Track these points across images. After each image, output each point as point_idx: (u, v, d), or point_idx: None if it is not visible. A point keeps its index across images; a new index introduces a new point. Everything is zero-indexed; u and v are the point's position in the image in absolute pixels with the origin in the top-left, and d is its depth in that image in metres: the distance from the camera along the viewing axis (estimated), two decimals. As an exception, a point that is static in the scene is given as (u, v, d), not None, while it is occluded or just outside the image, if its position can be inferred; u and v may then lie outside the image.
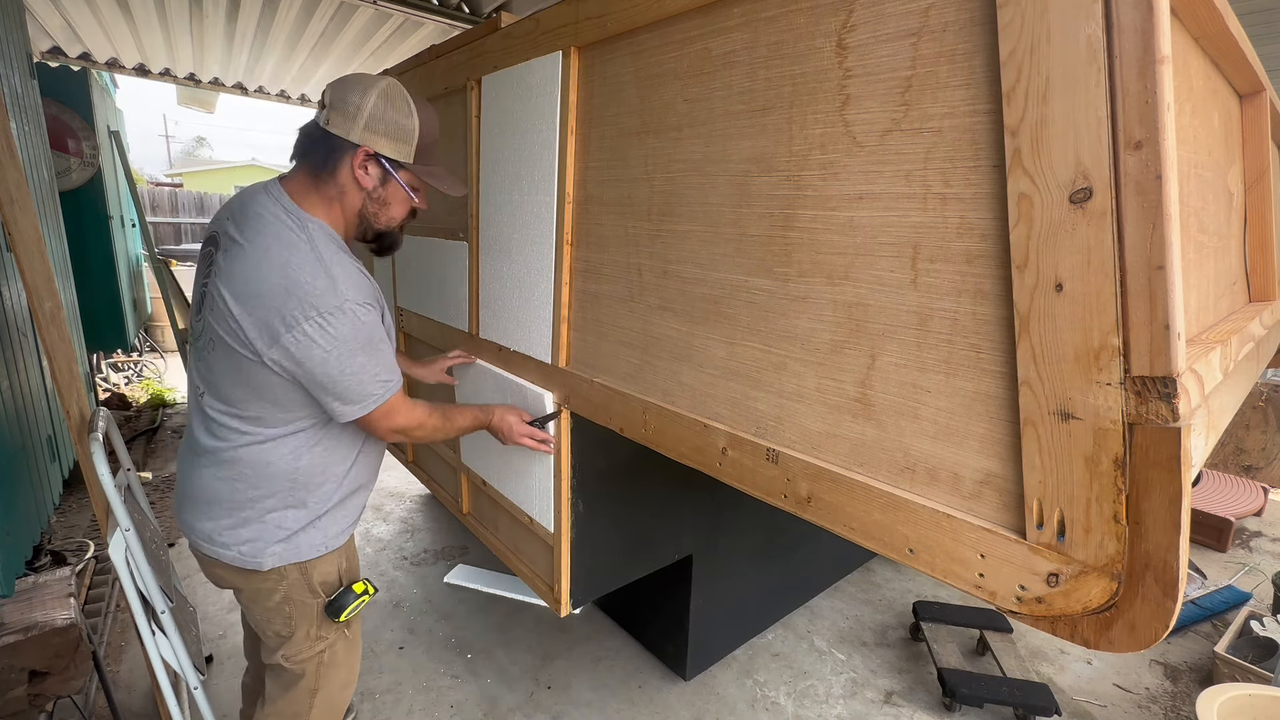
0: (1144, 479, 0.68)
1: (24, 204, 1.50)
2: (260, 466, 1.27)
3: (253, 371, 1.18)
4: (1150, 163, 0.64)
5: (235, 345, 1.17)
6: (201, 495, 1.31)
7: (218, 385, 1.25)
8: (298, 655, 1.40)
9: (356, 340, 1.18)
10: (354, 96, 1.20)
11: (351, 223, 1.31)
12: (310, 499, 1.33)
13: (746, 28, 1.06)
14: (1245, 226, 1.63)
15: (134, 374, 6.23)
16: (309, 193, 1.24)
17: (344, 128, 1.19)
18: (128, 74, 4.93)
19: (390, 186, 1.28)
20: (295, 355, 1.14)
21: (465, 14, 3.85)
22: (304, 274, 1.14)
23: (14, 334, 2.36)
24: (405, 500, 3.74)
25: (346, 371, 1.18)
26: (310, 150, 1.23)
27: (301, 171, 1.25)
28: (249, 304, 1.14)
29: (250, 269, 1.15)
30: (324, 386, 1.19)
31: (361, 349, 1.19)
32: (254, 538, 1.31)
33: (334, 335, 1.15)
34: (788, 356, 1.05)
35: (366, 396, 1.24)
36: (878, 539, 0.93)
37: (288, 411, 1.25)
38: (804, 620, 2.74)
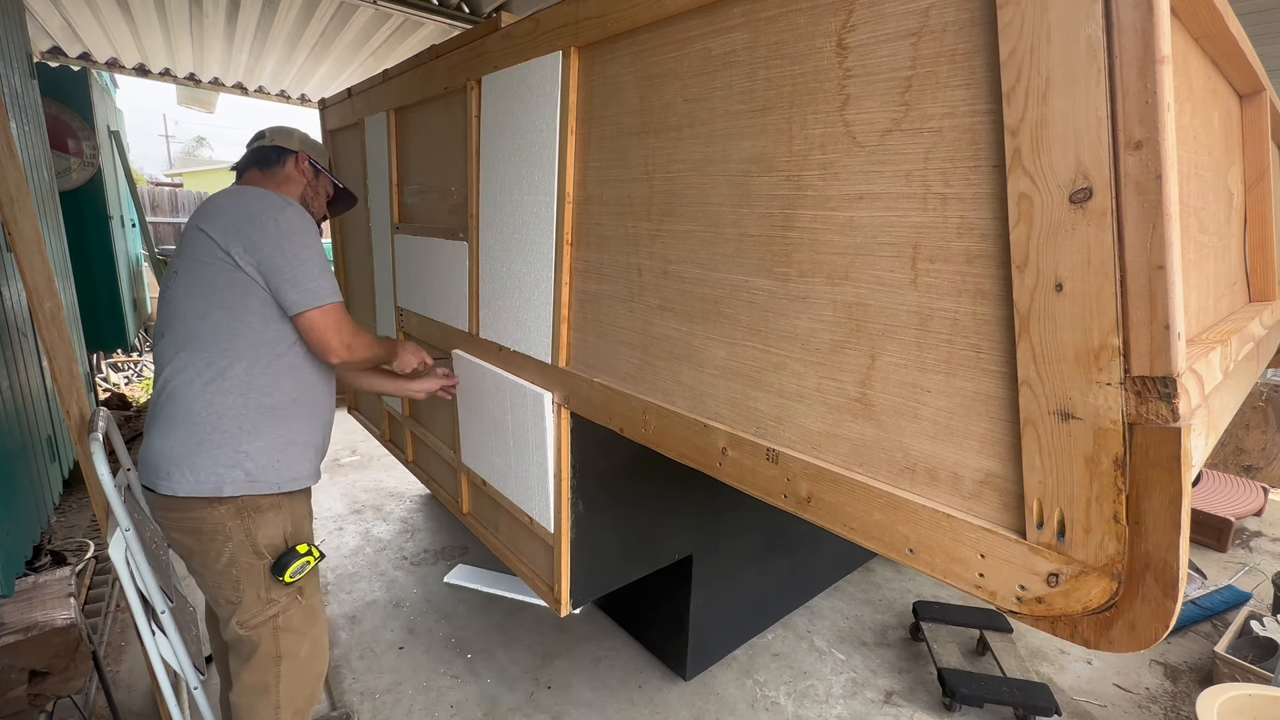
0: (1144, 479, 0.68)
1: (24, 204, 1.49)
2: (212, 385, 1.38)
3: (212, 273, 1.38)
4: (1150, 163, 0.64)
5: (200, 256, 1.39)
6: (159, 440, 1.39)
7: (175, 313, 1.41)
8: (250, 620, 1.45)
9: (302, 234, 1.43)
10: (287, 131, 1.70)
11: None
12: (264, 427, 1.42)
13: (746, 28, 1.06)
14: (1245, 226, 1.63)
15: (134, 374, 6.23)
16: (266, 182, 1.63)
17: (285, 142, 1.67)
18: (128, 74, 4.93)
19: (321, 180, 1.75)
20: (255, 241, 1.38)
21: (465, 14, 3.84)
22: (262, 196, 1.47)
23: (14, 334, 2.36)
24: (405, 500, 3.74)
25: (299, 258, 1.40)
26: (262, 157, 1.65)
27: (252, 173, 1.64)
28: (215, 220, 1.41)
29: (220, 203, 1.45)
30: (278, 269, 1.39)
31: (307, 244, 1.43)
32: (212, 466, 1.37)
33: (284, 225, 1.41)
34: (788, 356, 1.05)
35: (317, 290, 1.42)
36: (878, 539, 0.93)
37: (240, 319, 1.39)
38: (804, 620, 2.74)
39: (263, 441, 1.42)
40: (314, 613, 1.56)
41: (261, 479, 1.42)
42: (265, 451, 1.42)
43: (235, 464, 1.39)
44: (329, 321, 1.43)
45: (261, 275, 1.38)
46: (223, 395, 1.38)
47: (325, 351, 1.45)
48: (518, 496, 1.86)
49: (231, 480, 1.39)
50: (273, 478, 1.44)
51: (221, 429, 1.38)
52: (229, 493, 1.39)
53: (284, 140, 1.66)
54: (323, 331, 1.43)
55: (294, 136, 1.69)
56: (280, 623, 1.47)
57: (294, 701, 1.51)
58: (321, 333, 1.43)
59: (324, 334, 1.43)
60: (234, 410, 1.39)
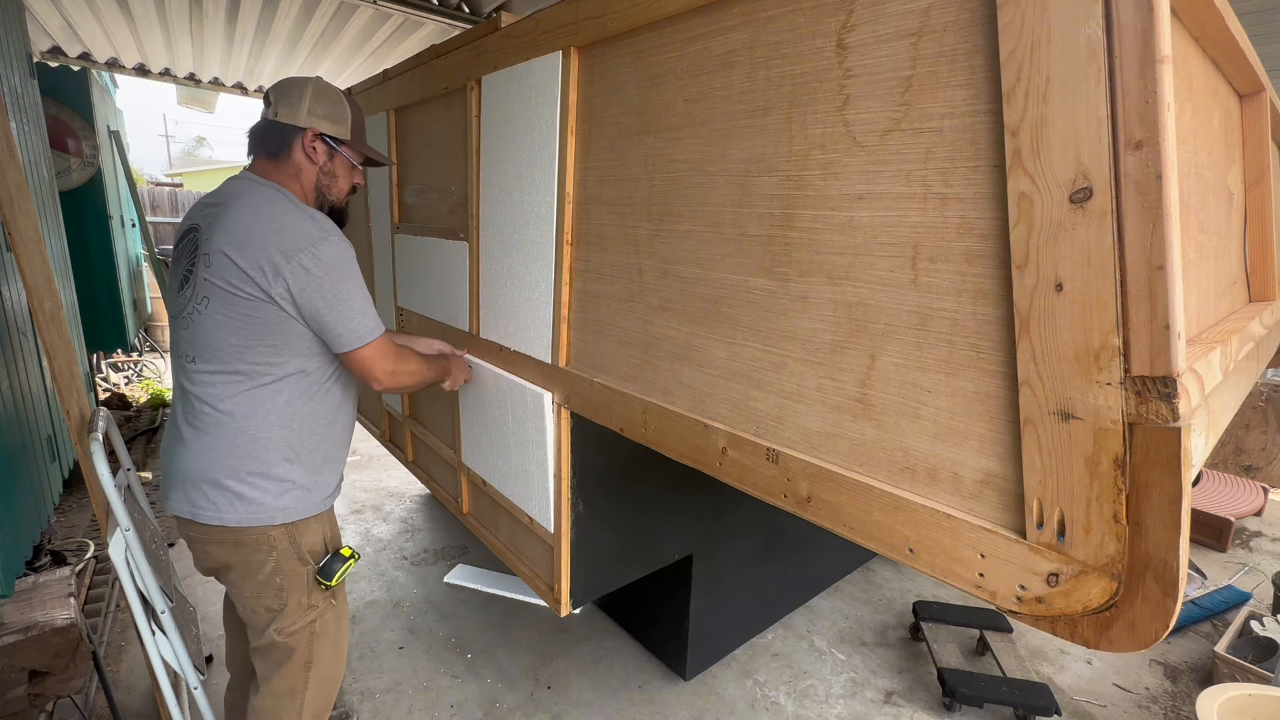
0: (1144, 479, 0.68)
1: (24, 204, 1.49)
2: (255, 416, 1.35)
3: (256, 312, 1.30)
4: (1150, 163, 0.64)
5: (236, 291, 1.29)
6: (196, 466, 1.35)
7: (209, 342, 1.33)
8: (290, 627, 1.44)
9: (343, 267, 1.35)
10: (295, 91, 1.44)
11: (310, 197, 1.49)
12: (305, 452, 1.41)
13: (746, 28, 1.06)
14: (1245, 226, 1.63)
15: (134, 374, 6.23)
16: (272, 173, 1.44)
17: (291, 116, 1.42)
18: (128, 74, 4.93)
19: (337, 160, 1.50)
20: (294, 286, 1.29)
21: (465, 14, 3.84)
22: (290, 218, 1.33)
23: (14, 334, 2.36)
24: (405, 500, 3.74)
25: (340, 297, 1.34)
26: (265, 140, 1.44)
27: (262, 159, 1.45)
28: (247, 249, 1.28)
29: (245, 222, 1.31)
30: (320, 312, 1.33)
31: (348, 277, 1.36)
32: (257, 497, 1.36)
33: (325, 262, 1.31)
34: (788, 356, 1.05)
35: (360, 328, 1.37)
36: (878, 539, 0.93)
37: (281, 354, 1.35)
38: (804, 620, 2.74)
39: (305, 466, 1.42)
40: (343, 616, 1.57)
41: (307, 502, 1.43)
42: (307, 475, 1.42)
43: (283, 492, 1.39)
44: (374, 356, 1.41)
45: (303, 316, 1.33)
46: (268, 428, 1.36)
47: (370, 381, 1.44)
48: (518, 496, 1.86)
49: (282, 508, 1.39)
50: (316, 498, 1.45)
51: (269, 461, 1.37)
52: (280, 520, 1.39)
53: (288, 113, 1.43)
54: (369, 366, 1.42)
55: (301, 102, 1.43)
56: (316, 628, 1.48)
57: (314, 706, 1.51)
58: (367, 367, 1.42)
59: (369, 368, 1.42)
60: (279, 441, 1.37)
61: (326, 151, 1.47)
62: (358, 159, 1.54)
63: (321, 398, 1.44)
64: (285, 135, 1.43)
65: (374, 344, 1.41)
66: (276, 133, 1.43)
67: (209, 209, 1.38)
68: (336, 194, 1.53)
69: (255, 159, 1.46)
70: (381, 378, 1.44)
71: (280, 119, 1.42)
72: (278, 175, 1.44)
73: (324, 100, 1.45)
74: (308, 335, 1.36)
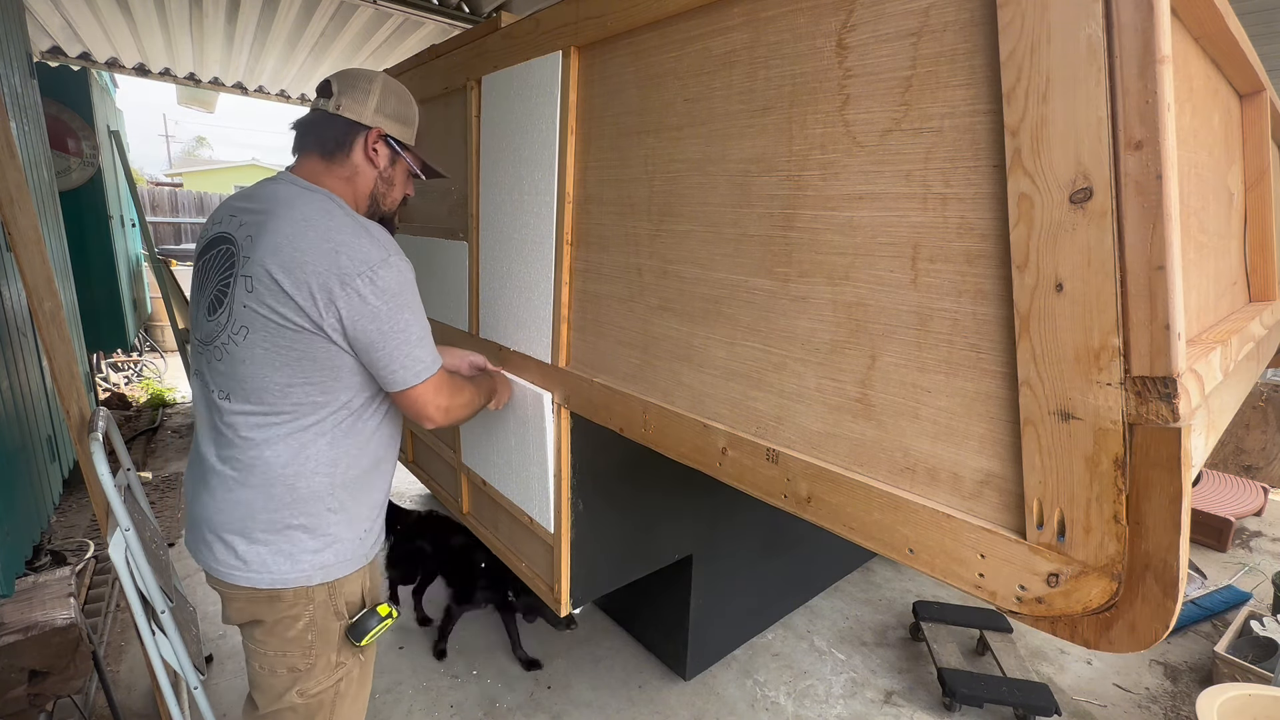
0: (1144, 479, 0.68)
1: (24, 204, 1.50)
2: (295, 464, 1.19)
3: (303, 345, 1.14)
4: (1150, 163, 0.64)
5: (283, 321, 1.13)
6: (227, 518, 1.21)
7: (248, 379, 1.17)
8: (315, 688, 1.28)
9: (404, 293, 1.19)
10: (363, 84, 1.27)
11: (363, 204, 1.32)
12: (350, 500, 1.26)
13: (746, 28, 1.06)
14: (1245, 226, 1.63)
15: (134, 374, 6.23)
16: (323, 175, 1.26)
17: (357, 111, 1.25)
18: (128, 74, 4.93)
19: (398, 167, 1.34)
20: (347, 315, 1.13)
21: (465, 14, 3.84)
22: (346, 234, 1.16)
23: (14, 334, 2.36)
24: (405, 500, 3.74)
25: (397, 328, 1.18)
26: (321, 135, 1.27)
27: (311, 158, 1.27)
28: (298, 272, 1.12)
29: (293, 239, 1.13)
30: (374, 346, 1.17)
31: (408, 305, 1.20)
32: (294, 553, 1.22)
33: (383, 289, 1.15)
34: (788, 356, 1.05)
35: (417, 363, 1.22)
36: (878, 539, 0.93)
37: (329, 393, 1.20)
38: (804, 620, 2.74)
39: (348, 515, 1.27)
40: (369, 671, 1.41)
41: (349, 556, 1.28)
42: (351, 526, 1.27)
43: (324, 548, 1.24)
44: (428, 393, 1.25)
45: (354, 349, 1.18)
46: (308, 477, 1.20)
47: (421, 419, 1.28)
48: (518, 496, 1.86)
49: (321, 566, 1.24)
50: (359, 551, 1.30)
51: (310, 513, 1.22)
52: (319, 580, 1.24)
53: (354, 107, 1.25)
54: (422, 405, 1.25)
55: (370, 98, 1.26)
56: (341, 688, 1.32)
57: None
58: (420, 405, 1.25)
59: (422, 407, 1.26)
60: (321, 491, 1.22)
61: (390, 156, 1.31)
62: (418, 166, 1.40)
63: (369, 436, 1.28)
64: (348, 132, 1.26)
65: (433, 380, 1.25)
66: (337, 128, 1.25)
67: (246, 216, 1.20)
68: (390, 203, 1.37)
69: (303, 156, 1.28)
70: (436, 415, 1.27)
71: (344, 113, 1.25)
72: (329, 178, 1.26)
73: (393, 98, 1.30)
74: (357, 368, 1.21)
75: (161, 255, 5.75)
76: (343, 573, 1.27)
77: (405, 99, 1.33)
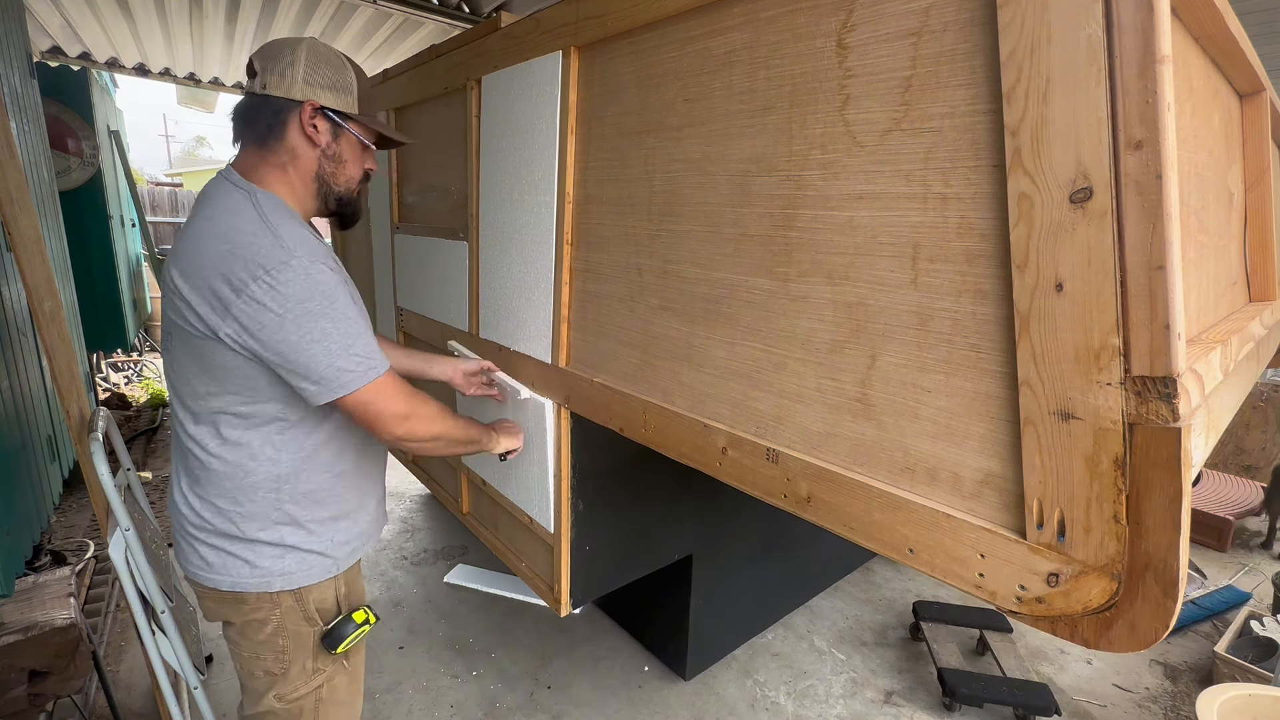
0: (1144, 479, 0.68)
1: (24, 204, 1.50)
2: (238, 475, 1.15)
3: (212, 354, 1.08)
4: (1150, 162, 0.64)
5: (190, 329, 1.07)
6: (187, 519, 1.20)
7: (179, 385, 1.15)
8: (293, 694, 1.25)
9: (312, 300, 1.05)
10: (285, 55, 1.14)
11: (309, 189, 1.21)
12: (301, 513, 1.20)
13: (746, 27, 1.06)
14: (1245, 226, 1.63)
15: (134, 374, 6.23)
16: (258, 165, 1.17)
17: (283, 87, 1.14)
18: (128, 74, 4.93)
19: (344, 140, 1.21)
20: (248, 325, 1.04)
21: (465, 14, 3.85)
22: (246, 234, 1.06)
23: (14, 334, 2.36)
24: (405, 500, 3.74)
25: (307, 339, 1.05)
26: (252, 121, 1.16)
27: (248, 148, 1.18)
28: (194, 278, 1.05)
29: (196, 240, 1.07)
30: (287, 359, 1.06)
31: (321, 313, 1.06)
32: (252, 559, 1.18)
33: (284, 294, 1.03)
34: (788, 356, 1.05)
35: (340, 373, 1.08)
36: (878, 539, 0.93)
37: (253, 404, 1.13)
38: (804, 620, 2.74)
39: (305, 530, 1.21)
40: (357, 679, 1.36)
41: (314, 565, 1.22)
42: (312, 538, 1.22)
43: (280, 555, 1.19)
44: (373, 398, 1.12)
45: (264, 361, 1.08)
46: (250, 491, 1.15)
47: (377, 431, 1.17)
48: (518, 496, 1.86)
49: (282, 573, 1.19)
50: (326, 560, 1.24)
51: (260, 521, 1.17)
52: (279, 587, 1.20)
53: (280, 83, 1.13)
54: (373, 414, 1.14)
55: (296, 69, 1.13)
56: (323, 694, 1.28)
57: None
58: (371, 416, 1.14)
59: (374, 416, 1.14)
60: (266, 506, 1.17)
61: (330, 129, 1.18)
62: (370, 137, 1.25)
63: (314, 450, 1.20)
64: (278, 111, 1.14)
65: (365, 391, 1.11)
66: (266, 109, 1.14)
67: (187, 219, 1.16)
68: (345, 183, 1.24)
69: (242, 148, 1.19)
70: (394, 426, 1.15)
71: (270, 90, 1.13)
72: (264, 168, 1.17)
73: (322, 65, 1.16)
74: (278, 380, 1.11)
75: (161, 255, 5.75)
76: (308, 581, 1.22)
77: (337, 64, 1.18)
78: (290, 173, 1.18)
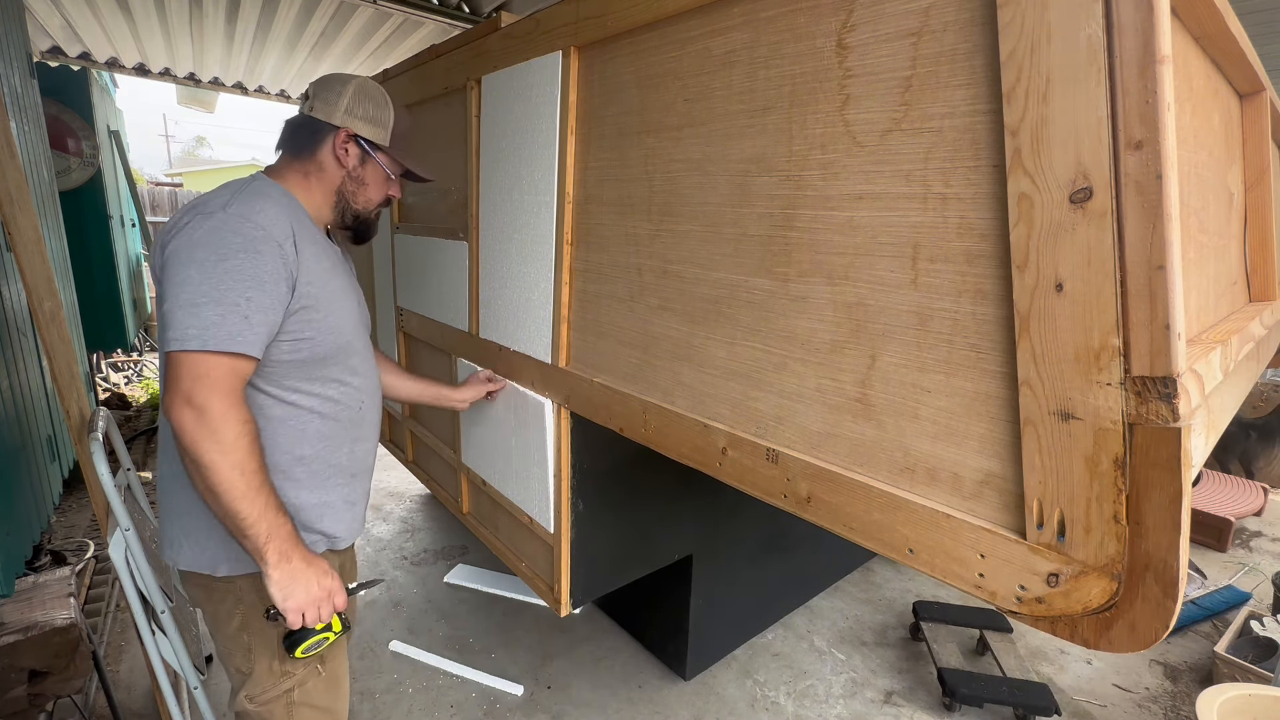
0: (1144, 479, 0.68)
1: (24, 204, 1.50)
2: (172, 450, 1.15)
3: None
4: (1150, 162, 0.64)
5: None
6: (160, 493, 1.22)
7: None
8: (262, 695, 1.23)
9: (209, 245, 1.02)
10: (336, 87, 1.30)
11: (328, 200, 1.31)
12: None
13: (746, 27, 1.06)
14: (1245, 226, 1.63)
15: (134, 374, 6.23)
16: (285, 169, 1.29)
17: (326, 113, 1.28)
18: (128, 74, 4.93)
19: (369, 167, 1.33)
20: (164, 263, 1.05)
21: (465, 14, 3.84)
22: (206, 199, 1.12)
23: (14, 334, 2.36)
24: (405, 500, 3.74)
25: (174, 280, 1.01)
26: (294, 135, 1.30)
27: (284, 157, 1.31)
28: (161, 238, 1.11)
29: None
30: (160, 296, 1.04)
31: (201, 261, 1.01)
32: (201, 539, 1.16)
33: (193, 236, 1.03)
34: (788, 356, 1.05)
35: (173, 326, 1.00)
36: (878, 539, 0.93)
37: None
38: (804, 620, 2.74)
39: None
40: (337, 683, 1.32)
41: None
42: None
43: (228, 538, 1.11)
44: (174, 368, 1.01)
45: None
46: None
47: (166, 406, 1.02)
48: (518, 496, 1.86)
49: (229, 558, 1.16)
50: None
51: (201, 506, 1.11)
52: (225, 571, 1.17)
53: (325, 109, 1.27)
54: (170, 381, 1.01)
55: (340, 99, 1.27)
56: (296, 697, 1.25)
57: None
58: (169, 383, 1.02)
59: (170, 386, 1.01)
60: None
61: (359, 155, 1.30)
62: (395, 169, 1.37)
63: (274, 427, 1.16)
64: (317, 132, 1.28)
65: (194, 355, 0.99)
66: (309, 129, 1.29)
67: None
68: (363, 203, 1.34)
69: (281, 155, 1.31)
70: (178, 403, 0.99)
71: (315, 114, 1.28)
72: (288, 171, 1.28)
73: (365, 100, 1.30)
74: None
75: (161, 255, 5.74)
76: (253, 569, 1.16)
77: (380, 101, 1.32)
78: (312, 181, 1.30)
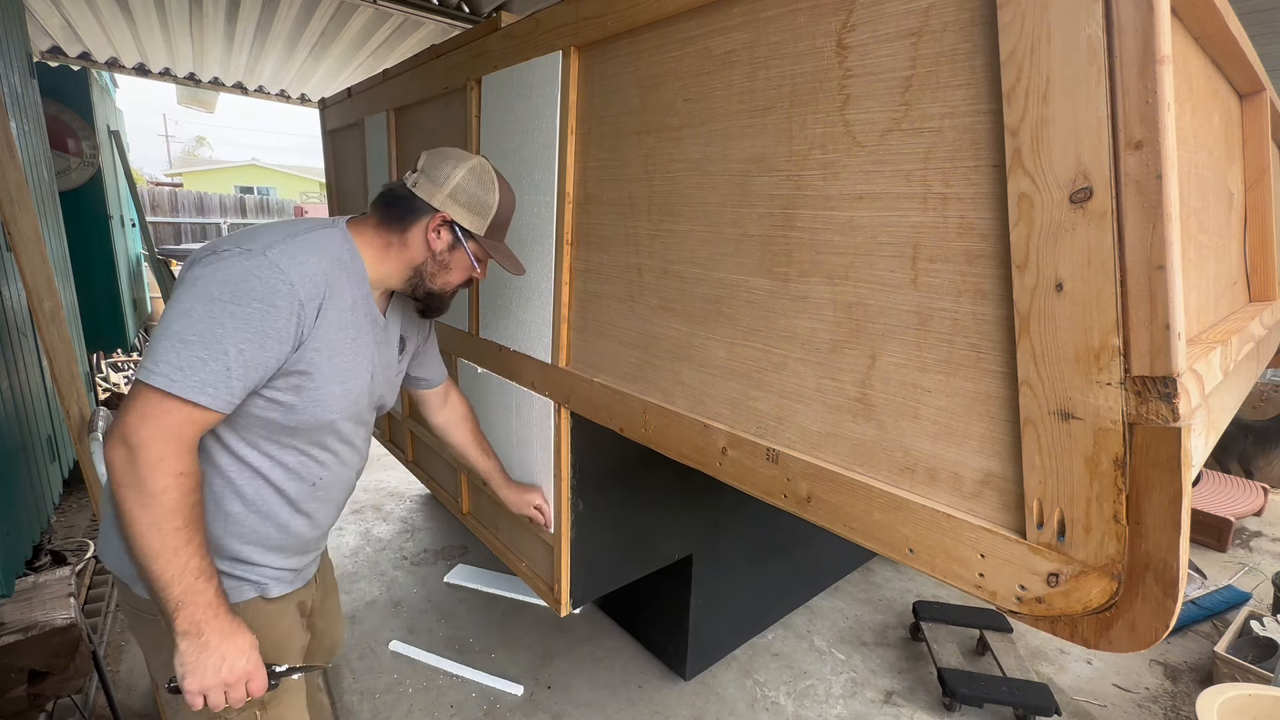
0: (1144, 479, 0.68)
1: (24, 204, 1.50)
2: None
3: None
4: (1150, 162, 0.64)
5: None
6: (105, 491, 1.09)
7: None
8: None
9: (212, 284, 0.96)
10: (446, 167, 1.23)
11: (402, 274, 1.24)
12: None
13: (746, 27, 1.06)
14: (1245, 226, 1.63)
15: (134, 374, 6.23)
16: (369, 232, 1.21)
17: (429, 192, 1.21)
18: (128, 74, 4.92)
19: (456, 254, 1.26)
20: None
21: (465, 14, 3.84)
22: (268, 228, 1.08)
23: (14, 334, 2.36)
24: (405, 500, 3.74)
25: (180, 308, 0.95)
26: (391, 205, 1.22)
27: (372, 218, 1.23)
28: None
29: None
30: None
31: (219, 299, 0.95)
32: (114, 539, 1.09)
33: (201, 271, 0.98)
34: (788, 356, 1.05)
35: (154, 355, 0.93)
36: (878, 539, 0.93)
37: None
38: (804, 620, 2.74)
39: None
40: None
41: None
42: None
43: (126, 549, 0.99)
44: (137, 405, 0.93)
45: None
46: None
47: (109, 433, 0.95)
48: (518, 496, 1.86)
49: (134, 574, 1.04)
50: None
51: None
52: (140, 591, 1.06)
53: (428, 187, 1.20)
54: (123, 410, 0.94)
55: (448, 180, 1.21)
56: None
57: None
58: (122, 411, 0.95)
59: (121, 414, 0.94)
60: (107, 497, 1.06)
61: (449, 242, 1.23)
62: (482, 256, 1.30)
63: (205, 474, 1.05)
64: (414, 210, 1.21)
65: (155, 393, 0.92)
66: (407, 204, 1.21)
67: None
68: (441, 285, 1.26)
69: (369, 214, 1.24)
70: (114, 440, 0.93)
71: (418, 190, 1.21)
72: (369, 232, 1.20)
73: (473, 185, 1.23)
74: None
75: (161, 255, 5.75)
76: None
77: (487, 185, 1.25)
78: (393, 253, 1.22)
